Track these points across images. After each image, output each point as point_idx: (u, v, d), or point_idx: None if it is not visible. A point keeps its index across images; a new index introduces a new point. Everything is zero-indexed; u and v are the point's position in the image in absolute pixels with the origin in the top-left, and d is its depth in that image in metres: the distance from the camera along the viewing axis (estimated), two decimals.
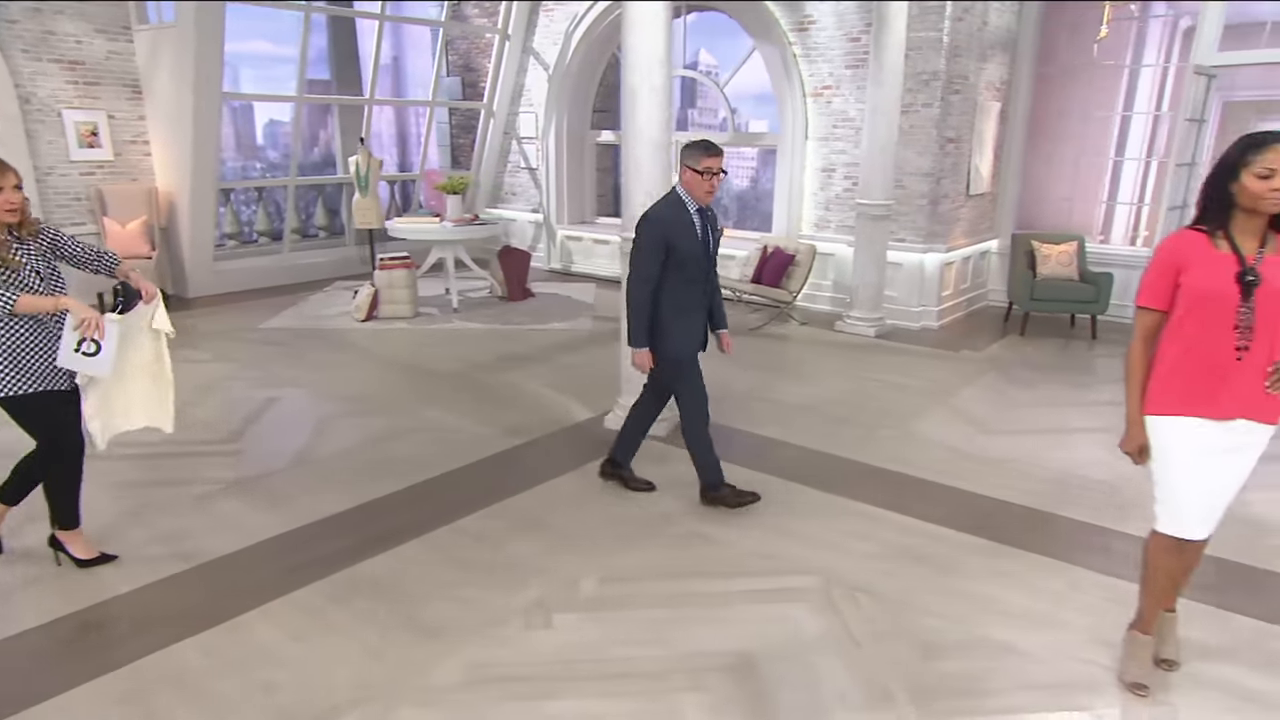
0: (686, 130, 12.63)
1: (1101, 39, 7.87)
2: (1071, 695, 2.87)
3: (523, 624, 3.23)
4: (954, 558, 3.80)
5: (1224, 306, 2.51)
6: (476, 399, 5.95)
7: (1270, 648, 3.14)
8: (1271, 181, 2.40)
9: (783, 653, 3.07)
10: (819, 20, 8.46)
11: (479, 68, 11.60)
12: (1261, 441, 2.66)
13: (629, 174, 4.94)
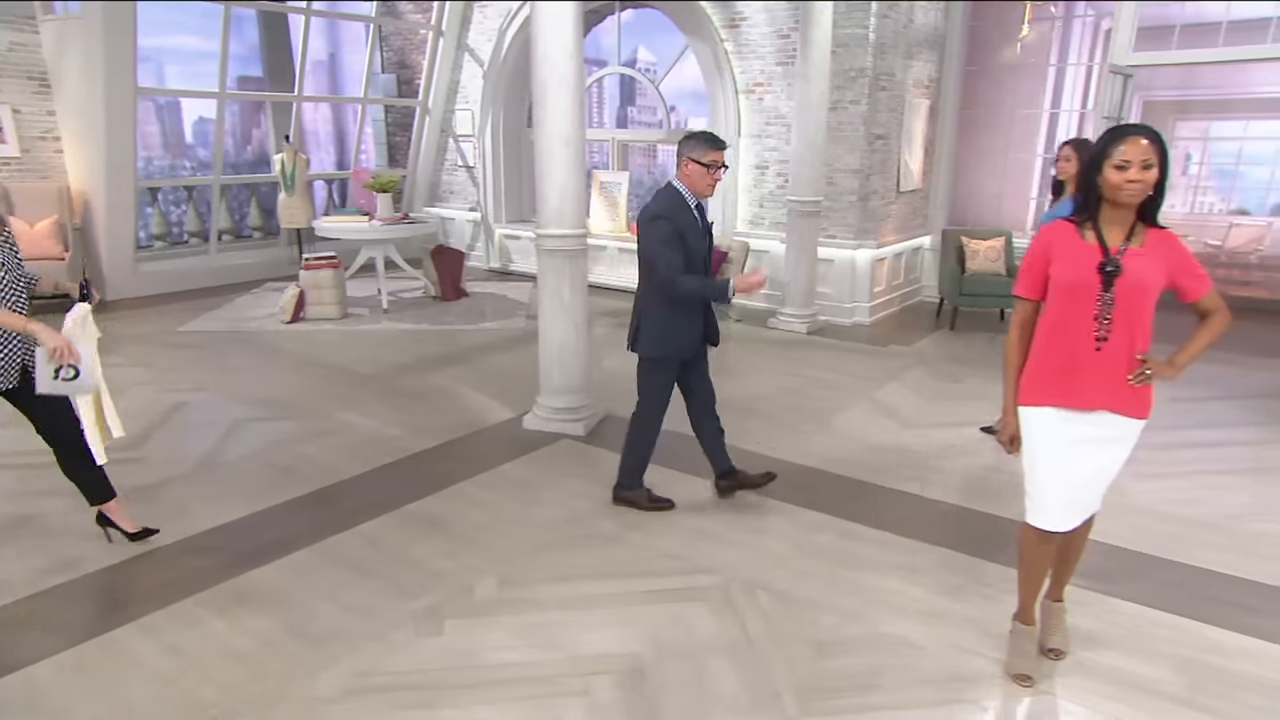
0: (626, 128, 12.61)
1: (1024, 38, 8.00)
2: (959, 689, 2.86)
3: (413, 630, 3.15)
4: (861, 553, 3.79)
5: (1085, 296, 2.53)
6: (395, 401, 5.83)
7: (1154, 634, 3.18)
8: (1127, 173, 2.43)
9: (675, 654, 3.03)
10: (750, 17, 8.46)
11: (414, 65, 11.43)
12: (1129, 435, 2.67)
13: (541, 171, 4.87)
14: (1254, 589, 3.53)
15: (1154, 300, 2.55)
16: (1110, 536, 3.90)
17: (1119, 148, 2.44)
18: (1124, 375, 2.57)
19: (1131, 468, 4.66)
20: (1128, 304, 2.51)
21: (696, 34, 8.81)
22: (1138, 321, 2.53)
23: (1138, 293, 2.50)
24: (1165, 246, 2.54)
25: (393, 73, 11.73)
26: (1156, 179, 2.47)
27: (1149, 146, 2.43)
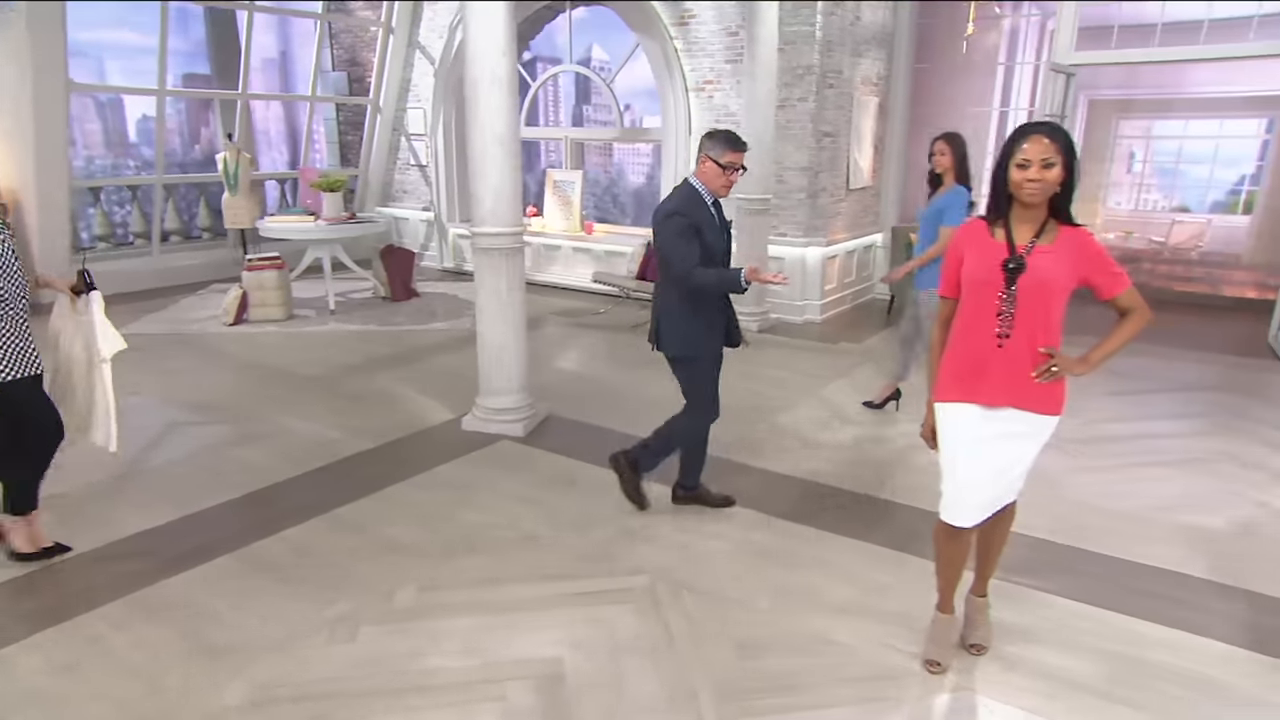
0: (583, 127, 12.54)
1: (969, 36, 8.06)
2: (880, 687, 2.84)
3: (326, 639, 3.06)
4: (792, 550, 3.77)
5: (989, 293, 2.53)
6: (335, 403, 5.72)
7: (1076, 627, 3.18)
8: (1027, 172, 2.43)
9: (595, 657, 2.98)
10: (699, 15, 8.43)
11: (365, 62, 11.27)
12: (1037, 431, 2.66)
13: (475, 170, 4.81)
14: (1179, 580, 3.55)
15: (1061, 298, 2.55)
16: (1040, 530, 3.93)
17: (1021, 146, 2.44)
18: (1027, 372, 2.56)
19: (1064, 461, 4.80)
20: (1030, 302, 2.50)
21: (646, 31, 8.76)
22: (1041, 319, 2.53)
23: (1041, 290, 2.49)
24: (1077, 244, 2.53)
25: (344, 70, 11.56)
26: (1060, 177, 2.45)
27: (1050, 145, 2.41)
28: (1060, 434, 5.13)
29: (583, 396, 5.91)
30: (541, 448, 4.93)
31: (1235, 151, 13.04)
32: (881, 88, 8.87)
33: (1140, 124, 13.50)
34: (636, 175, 12.86)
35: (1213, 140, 13.19)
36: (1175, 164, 13.67)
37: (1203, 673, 2.93)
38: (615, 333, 7.87)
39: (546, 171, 10.30)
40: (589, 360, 7.18)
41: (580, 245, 9.67)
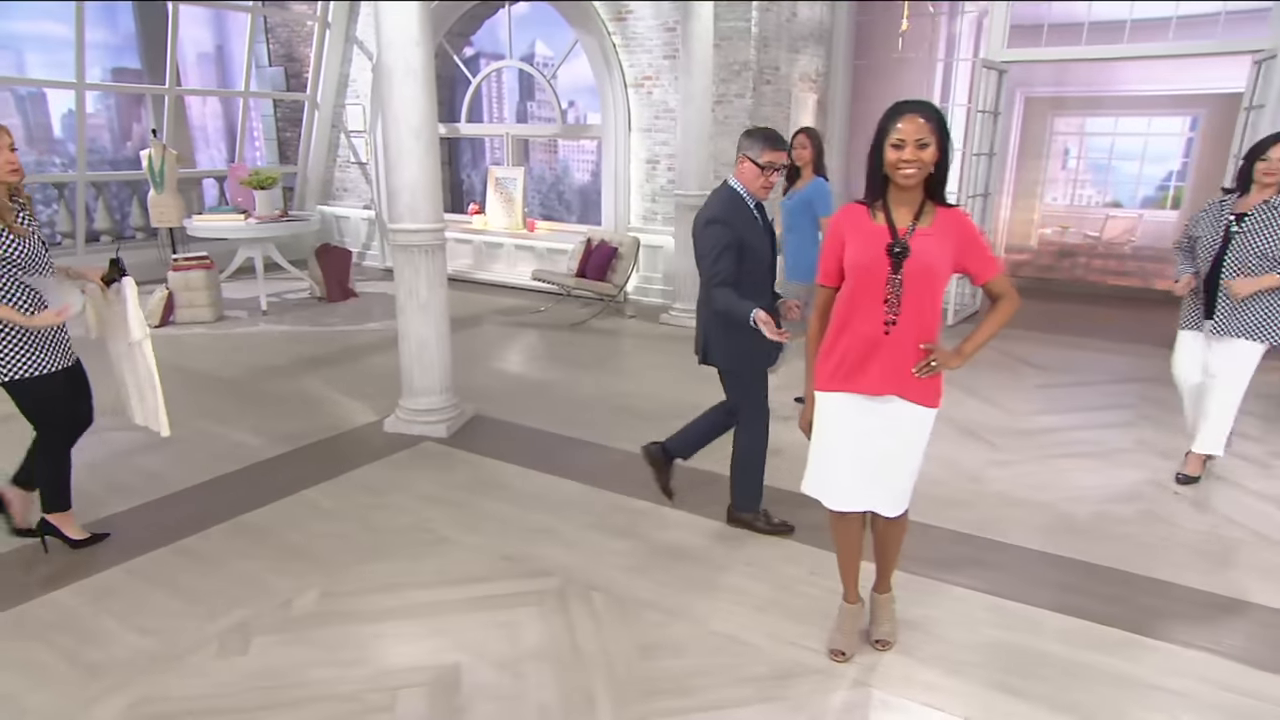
0: (527, 123, 12.42)
1: (903, 32, 8.09)
2: (780, 686, 2.80)
3: (215, 651, 2.94)
4: (707, 550, 3.72)
5: (875, 279, 2.47)
6: (256, 406, 5.56)
7: (980, 619, 3.18)
8: (902, 152, 2.37)
9: (494, 663, 2.90)
10: (636, 10, 8.38)
11: (302, 57, 11.03)
12: (922, 422, 2.62)
13: (391, 163, 4.69)
14: (1088, 570, 3.57)
15: (943, 283, 2.51)
16: (958, 523, 3.94)
17: (895, 125, 2.38)
18: (912, 361, 2.52)
19: (988, 454, 4.83)
20: (915, 286, 2.45)
21: (584, 27, 8.68)
22: (927, 304, 2.49)
23: (925, 275, 2.45)
24: (954, 225, 2.49)
25: (280, 66, 11.31)
26: (935, 157, 2.40)
27: (925, 125, 2.36)
28: (988, 427, 5.26)
29: (513, 396, 5.82)
30: (464, 449, 4.83)
31: (1163, 148, 13.36)
32: (820, 84, 8.88)
33: (1074, 121, 13.75)
34: (582, 173, 12.78)
35: (1141, 137, 13.51)
36: (1107, 160, 13.96)
37: (1099, 661, 2.94)
38: (555, 331, 7.78)
39: (489, 169, 10.18)
40: (524, 359, 7.09)
41: (522, 243, 9.57)
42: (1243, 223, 3.98)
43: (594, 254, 8.30)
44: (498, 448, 4.84)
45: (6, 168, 3.07)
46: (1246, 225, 3.97)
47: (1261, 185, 3.95)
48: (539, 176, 13.12)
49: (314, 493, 4.24)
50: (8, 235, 3.07)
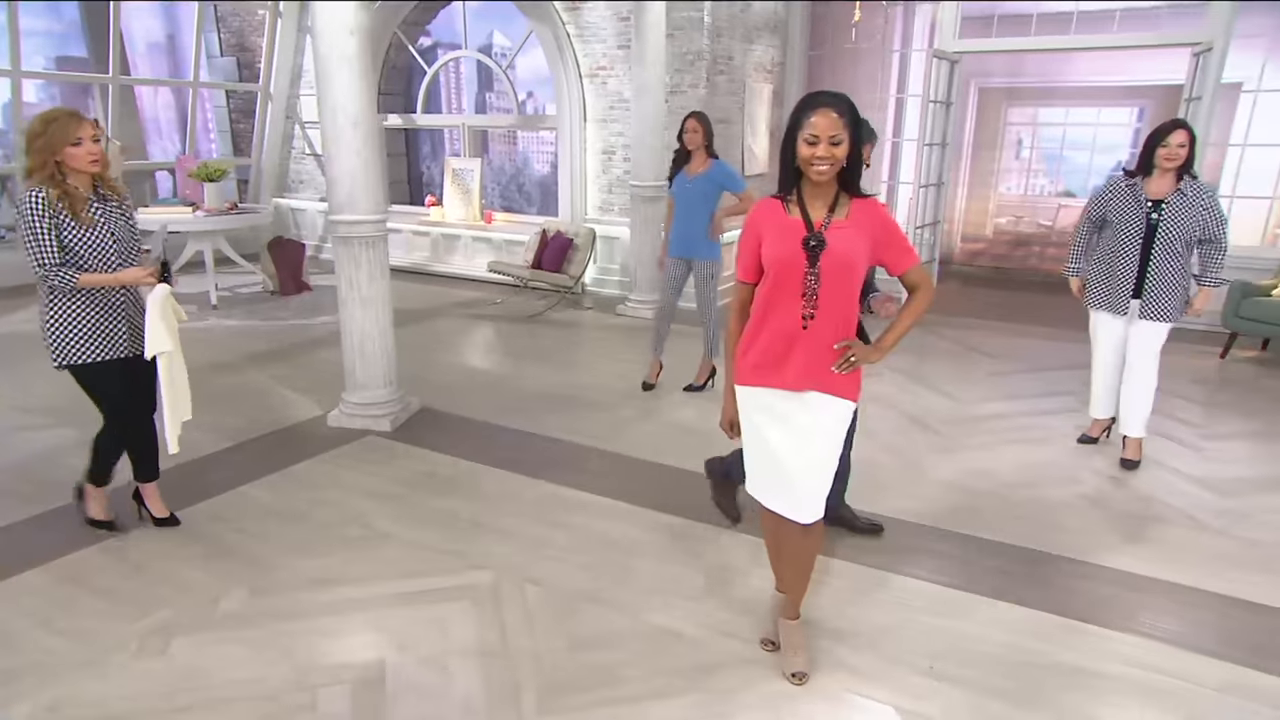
0: (487, 114, 12.29)
1: (856, 23, 8.10)
2: (706, 678, 2.77)
3: (134, 653, 2.86)
4: (649, 541, 3.69)
5: (792, 273, 2.41)
6: (201, 401, 5.34)
7: (914, 606, 3.18)
8: (816, 148, 2.31)
9: (421, 658, 2.85)
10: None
11: (255, 47, 10.83)
12: (842, 415, 2.57)
13: (329, 154, 4.59)
14: (1023, 555, 3.60)
15: (860, 275, 2.46)
16: (901, 512, 3.95)
17: (809, 118, 2.32)
18: (831, 355, 2.48)
19: (933, 441, 4.84)
20: (832, 279, 2.40)
21: (538, 16, 8.59)
22: (845, 297, 2.45)
23: (843, 267, 2.40)
24: (870, 216, 2.45)
25: (232, 56, 11.10)
26: (848, 152, 2.35)
27: (838, 120, 2.30)
28: (936, 415, 5.28)
29: (462, 389, 5.75)
30: (408, 442, 4.76)
31: (1112, 138, 13.54)
32: (776, 75, 8.87)
33: (1027, 111, 13.87)
34: (542, 164, 12.67)
35: (1091, 127, 13.68)
36: (1060, 150, 14.12)
37: (1033, 646, 2.96)
38: (510, 323, 7.71)
39: (446, 160, 10.06)
40: (477, 352, 7.02)
41: (480, 235, 9.47)
42: (1160, 209, 4.14)
43: (550, 245, 8.23)
44: (443, 441, 4.78)
45: (87, 158, 3.08)
46: (1165, 213, 4.13)
47: (1163, 169, 4.12)
48: (499, 168, 13.00)
49: (252, 488, 4.16)
50: (71, 222, 3.07)
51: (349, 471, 4.36)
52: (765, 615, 3.00)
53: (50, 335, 3.24)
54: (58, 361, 3.27)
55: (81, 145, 3.05)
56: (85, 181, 3.15)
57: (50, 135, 3.01)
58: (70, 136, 3.03)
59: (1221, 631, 3.10)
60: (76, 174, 3.12)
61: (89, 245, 3.12)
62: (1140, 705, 2.69)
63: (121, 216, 3.28)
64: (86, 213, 3.11)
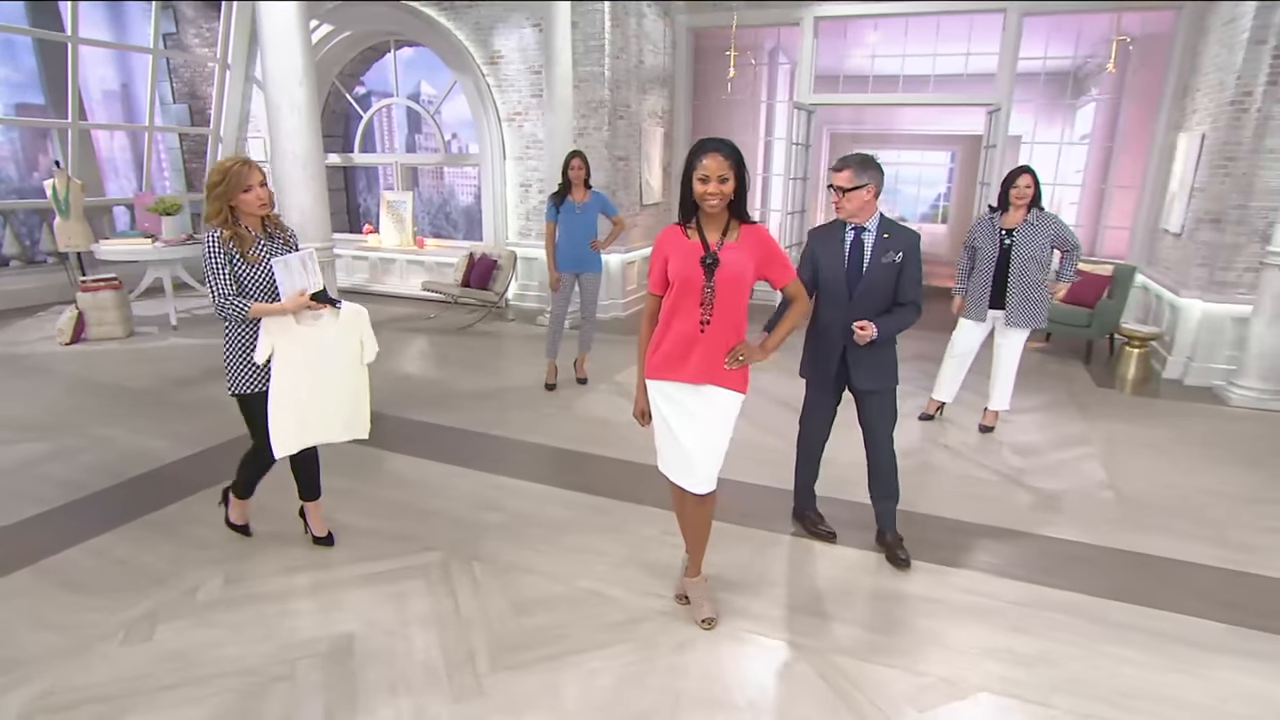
0: (415, 153, 11.97)
1: (731, 79, 8.28)
2: (634, 629, 2.82)
3: (121, 641, 2.70)
4: (575, 519, 3.69)
5: (692, 286, 2.50)
6: (163, 414, 5.13)
7: (801, 559, 3.31)
8: (707, 186, 2.41)
9: (383, 631, 2.79)
10: (506, 55, 8.22)
11: (205, 95, 10.24)
12: (732, 405, 2.65)
13: (280, 188, 4.41)
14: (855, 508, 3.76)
15: (749, 288, 2.56)
16: (786, 482, 4.01)
17: (701, 161, 2.42)
18: (724, 354, 2.57)
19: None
20: (725, 291, 2.50)
21: (461, 70, 8.45)
22: (734, 306, 2.54)
23: (734, 282, 2.50)
24: (756, 240, 2.55)
25: (184, 103, 10.45)
26: (734, 188, 2.45)
27: (725, 162, 2.40)
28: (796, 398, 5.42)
29: (404, 393, 5.61)
30: (359, 443, 4.58)
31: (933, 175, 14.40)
32: (666, 119, 8.99)
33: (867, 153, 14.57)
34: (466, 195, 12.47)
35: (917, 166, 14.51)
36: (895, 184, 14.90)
37: (891, 586, 3.14)
38: (443, 335, 7.55)
39: (382, 193, 9.77)
40: (414, 360, 6.85)
41: (413, 258, 9.24)
42: (1013, 236, 4.47)
43: (477, 266, 8.12)
44: (390, 440, 4.65)
45: (256, 203, 2.90)
46: (1016, 239, 4.46)
47: (1016, 205, 4.46)
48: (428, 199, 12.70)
49: (219, 490, 3.94)
50: (241, 261, 2.89)
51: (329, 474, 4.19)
52: (678, 575, 3.06)
53: (228, 364, 3.02)
54: (231, 389, 3.04)
55: (251, 191, 2.87)
56: (255, 223, 2.96)
57: (227, 184, 2.84)
58: (243, 185, 2.85)
59: (1026, 561, 3.35)
60: (248, 216, 2.93)
61: (256, 281, 2.92)
62: (973, 622, 2.89)
63: (288, 250, 3.05)
64: (254, 251, 2.92)
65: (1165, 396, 5.83)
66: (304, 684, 2.50)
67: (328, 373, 3.08)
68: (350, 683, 2.51)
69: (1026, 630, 2.85)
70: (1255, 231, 5.86)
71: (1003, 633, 2.83)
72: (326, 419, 3.14)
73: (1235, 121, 5.80)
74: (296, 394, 3.02)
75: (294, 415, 3.04)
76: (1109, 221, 8.56)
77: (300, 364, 3.00)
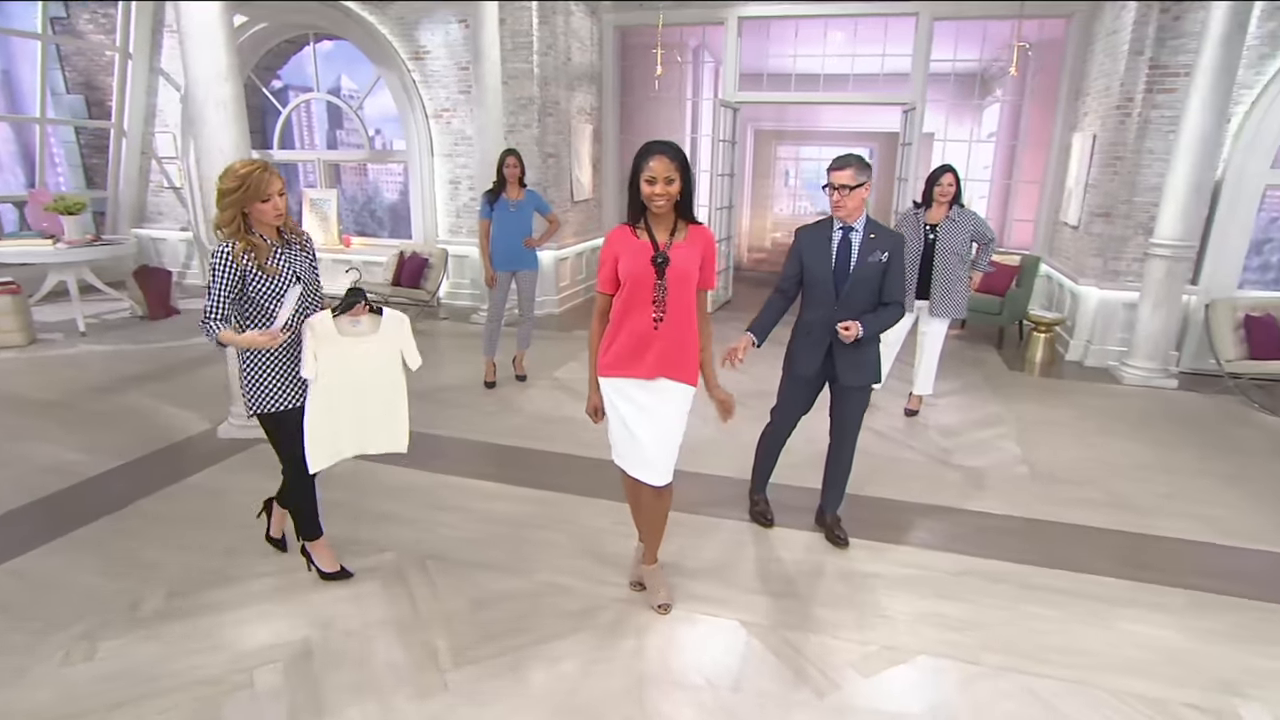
0: (337, 149, 11.63)
1: (659, 76, 8.40)
2: (593, 616, 2.91)
3: (60, 661, 2.60)
4: (525, 514, 3.73)
5: (644, 285, 2.57)
6: (81, 424, 4.87)
7: (737, 540, 3.45)
8: (654, 187, 2.48)
9: (343, 633, 2.78)
10: (432, 51, 8.10)
11: (103, 86, 9.65)
12: (686, 396, 2.73)
13: (208, 188, 4.25)
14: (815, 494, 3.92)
15: (696, 285, 2.64)
16: (725, 469, 4.21)
17: (648, 163, 2.47)
18: (677, 349, 2.63)
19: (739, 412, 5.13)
20: (676, 288, 2.57)
21: (385, 64, 8.27)
22: (686, 303, 2.62)
23: (684, 279, 2.58)
24: (701, 239, 2.63)
25: (80, 94, 9.83)
26: (680, 189, 2.51)
27: (670, 164, 2.46)
28: (737, 391, 5.60)
29: None
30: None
31: None
32: (595, 116, 9.04)
33: (791, 149, 15.00)
34: (392, 192, 12.18)
35: None
36: (817, 179, 15.45)
37: (828, 561, 3.32)
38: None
39: (303, 191, 9.45)
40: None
41: (339, 257, 8.98)
42: (936, 231, 4.73)
43: (407, 264, 7.99)
44: None
45: (273, 214, 2.69)
46: (940, 234, 4.73)
47: (939, 202, 4.73)
48: (351, 197, 12.35)
49: (150, 501, 3.81)
50: (258, 274, 2.68)
51: (248, 476, 4.08)
52: (631, 563, 3.15)
53: (244, 384, 2.82)
54: (252, 409, 2.83)
55: (270, 201, 2.66)
56: (271, 230, 2.76)
57: (244, 191, 2.61)
58: (261, 194, 2.63)
59: (955, 534, 3.60)
60: (262, 225, 2.72)
61: (273, 293, 2.71)
62: (909, 592, 3.10)
63: (305, 258, 2.87)
64: (272, 262, 2.71)
65: (1068, 377, 6.30)
66: (265, 691, 2.47)
67: (366, 384, 2.90)
68: (313, 686, 2.49)
69: (957, 597, 3.08)
70: (1140, 225, 6.39)
71: (936, 600, 3.05)
72: (363, 431, 2.96)
73: (1120, 124, 6.31)
74: (334, 406, 2.85)
75: (329, 428, 2.87)
76: (1016, 215, 9.12)
77: (339, 375, 2.84)
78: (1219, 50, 5.43)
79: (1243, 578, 3.30)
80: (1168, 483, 4.25)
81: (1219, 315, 5.99)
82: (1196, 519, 3.82)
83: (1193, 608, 3.06)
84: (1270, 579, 3.31)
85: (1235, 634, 2.89)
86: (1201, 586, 3.20)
